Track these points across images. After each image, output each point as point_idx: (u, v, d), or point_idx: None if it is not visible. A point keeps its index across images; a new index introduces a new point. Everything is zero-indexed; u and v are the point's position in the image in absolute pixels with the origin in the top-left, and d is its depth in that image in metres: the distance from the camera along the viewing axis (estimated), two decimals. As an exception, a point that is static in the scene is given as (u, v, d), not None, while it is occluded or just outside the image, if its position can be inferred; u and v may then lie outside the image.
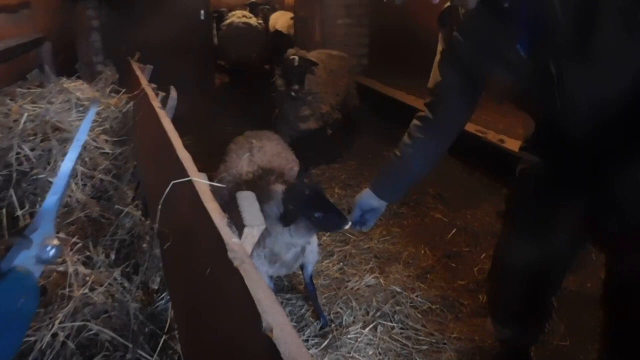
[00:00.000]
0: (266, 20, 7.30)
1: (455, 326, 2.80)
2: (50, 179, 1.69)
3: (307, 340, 2.75)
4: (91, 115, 1.15)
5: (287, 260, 2.46)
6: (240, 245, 0.90)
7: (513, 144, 4.08)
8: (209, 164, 2.90)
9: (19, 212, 1.46)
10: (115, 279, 1.33)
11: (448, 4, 1.60)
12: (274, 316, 0.71)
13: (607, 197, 1.53)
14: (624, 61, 1.33)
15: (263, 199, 2.08)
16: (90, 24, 5.61)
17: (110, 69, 3.87)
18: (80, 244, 1.39)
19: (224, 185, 1.33)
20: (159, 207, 1.28)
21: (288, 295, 3.12)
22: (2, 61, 3.16)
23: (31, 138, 1.77)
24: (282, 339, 0.68)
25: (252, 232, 0.99)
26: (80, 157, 1.88)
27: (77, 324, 1.09)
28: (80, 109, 2.29)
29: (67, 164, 0.97)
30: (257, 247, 2.27)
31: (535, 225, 1.83)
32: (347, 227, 2.14)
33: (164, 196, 1.22)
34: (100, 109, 2.41)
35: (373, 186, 2.12)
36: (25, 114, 1.77)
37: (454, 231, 3.77)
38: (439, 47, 1.82)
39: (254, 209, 1.08)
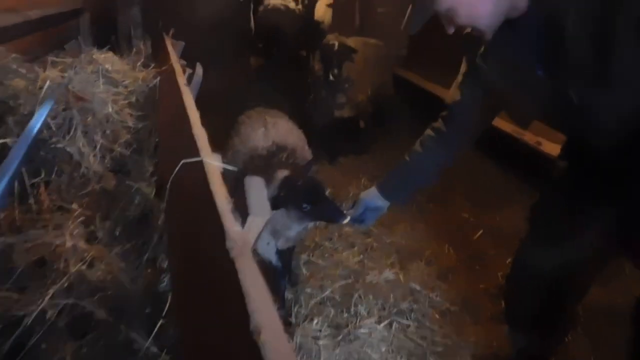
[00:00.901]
0: (308, 5, 7.19)
1: (474, 330, 2.71)
2: (68, 149, 1.68)
3: (319, 330, 2.71)
4: (44, 111, 1.11)
5: (290, 236, 2.48)
6: (242, 235, 0.85)
7: (550, 147, 3.90)
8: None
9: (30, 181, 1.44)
10: (117, 255, 1.30)
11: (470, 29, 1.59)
12: (266, 317, 0.65)
13: (634, 211, 1.54)
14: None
15: (268, 180, 2.13)
16: (129, -2, 5.60)
17: (144, 43, 3.86)
18: (82, 218, 1.36)
19: (235, 168, 1.29)
20: (168, 185, 1.24)
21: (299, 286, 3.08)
22: (39, 29, 3.17)
23: (55, 106, 1.76)
24: (270, 342, 0.62)
25: (257, 221, 0.94)
26: (101, 129, 1.86)
27: (66, 301, 1.07)
28: (107, 80, 2.28)
29: (12, 156, 0.92)
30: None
31: (559, 232, 1.81)
32: (344, 222, 2.22)
33: (173, 175, 1.19)
34: (128, 82, 2.39)
35: (380, 186, 2.19)
36: (48, 82, 1.76)
37: (480, 232, 3.64)
38: (462, 69, 1.89)
39: (261, 196, 1.03)
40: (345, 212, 2.26)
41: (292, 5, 6.91)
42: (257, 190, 1.05)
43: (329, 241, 3.54)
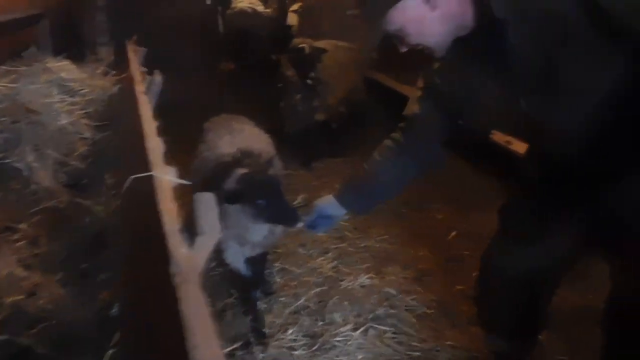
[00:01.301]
0: (278, 9, 7.14)
1: (451, 333, 2.68)
2: (16, 165, 1.58)
3: (294, 340, 2.64)
4: None
5: (256, 242, 2.43)
6: (190, 258, 0.78)
7: (520, 146, 3.90)
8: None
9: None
10: (60, 281, 1.22)
11: None
12: (207, 353, 0.59)
13: (600, 211, 1.56)
14: (588, 93, 1.38)
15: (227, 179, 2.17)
16: (95, 3, 5.48)
17: (107, 50, 3.74)
18: (23, 243, 1.27)
19: (189, 183, 1.23)
20: (119, 202, 1.16)
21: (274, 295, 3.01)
22: (-6, 37, 3.04)
23: (2, 119, 1.66)
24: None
25: (206, 242, 0.87)
26: (54, 142, 1.77)
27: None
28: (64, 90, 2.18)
29: None
30: (223, 227, 2.27)
31: (527, 233, 1.80)
32: (298, 226, 2.19)
33: (122, 191, 1.11)
34: (85, 91, 2.29)
35: (338, 195, 2.12)
36: (-6, 94, 1.66)
37: (455, 234, 3.63)
38: (419, 83, 1.90)
39: (211, 214, 0.97)
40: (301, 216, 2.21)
41: (260, 8, 6.85)
42: (207, 207, 0.99)
43: (302, 247, 3.48)
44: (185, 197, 1.25)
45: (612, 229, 1.57)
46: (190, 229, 0.95)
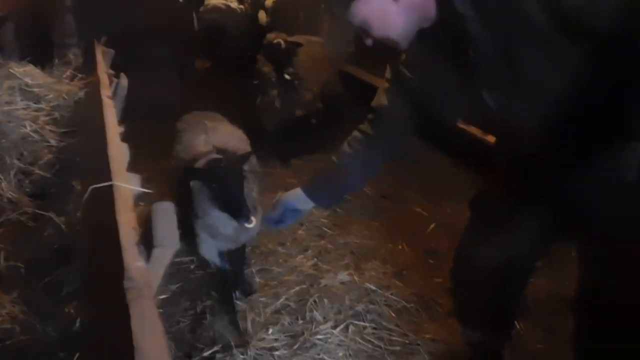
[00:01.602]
0: (252, 5, 7.08)
1: (430, 327, 2.70)
2: (-26, 176, 1.53)
3: (276, 340, 2.63)
4: None
5: (227, 234, 2.45)
6: (143, 272, 0.76)
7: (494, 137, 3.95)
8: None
9: None
10: (19, 298, 1.18)
11: None
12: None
13: (565, 201, 1.57)
14: (546, 87, 1.40)
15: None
16: (63, 4, 5.35)
17: (74, 52, 3.66)
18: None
19: (151, 191, 1.21)
20: (79, 214, 1.14)
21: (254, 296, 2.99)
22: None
23: (-40, 130, 1.61)
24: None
25: (163, 254, 0.86)
26: (17, 151, 1.72)
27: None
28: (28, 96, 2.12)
29: None
30: (195, 219, 2.39)
31: (499, 224, 1.81)
32: (249, 226, 2.24)
33: (83, 201, 1.08)
34: (51, 96, 2.23)
35: (306, 188, 2.07)
36: (-51, 103, 1.60)
37: (433, 226, 3.65)
38: (386, 74, 1.91)
39: (169, 225, 0.95)
40: (253, 215, 2.25)
41: (234, 4, 6.78)
42: (165, 217, 0.97)
43: (282, 246, 3.47)
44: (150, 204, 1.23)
45: (576, 219, 1.59)
46: (148, 241, 0.93)
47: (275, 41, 4.42)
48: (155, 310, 0.68)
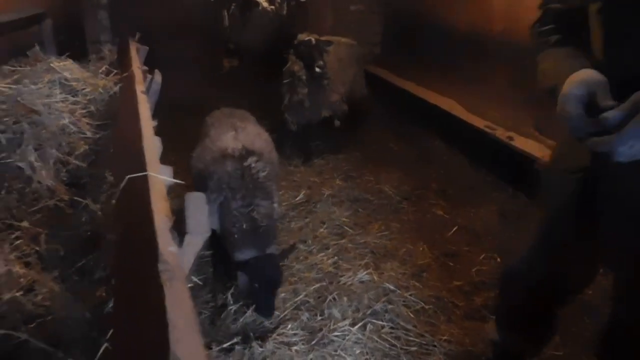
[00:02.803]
0: (280, 5, 7.16)
1: (447, 328, 2.71)
2: (19, 164, 1.62)
3: (294, 335, 2.68)
4: None
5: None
6: (176, 256, 0.82)
7: (522, 142, 3.94)
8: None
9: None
10: (58, 278, 1.26)
11: None
12: (188, 347, 0.62)
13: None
14: None
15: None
16: (97, 2, 5.51)
17: (110, 48, 3.78)
18: (20, 241, 1.31)
19: (183, 182, 1.27)
20: (114, 202, 1.20)
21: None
22: (-2, 34, 3.09)
23: (4, 119, 1.70)
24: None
25: (194, 241, 0.91)
26: (56, 142, 1.81)
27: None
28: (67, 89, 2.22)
29: None
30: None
31: (566, 239, 1.74)
32: (266, 322, 2.67)
33: (118, 191, 1.15)
34: (87, 90, 2.33)
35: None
36: (-4, 95, 1.70)
37: (454, 229, 3.65)
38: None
39: (201, 213, 1.00)
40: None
41: (265, 4, 6.88)
42: (197, 207, 1.02)
43: (303, 244, 3.51)
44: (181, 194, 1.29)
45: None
46: (180, 228, 0.99)
47: (306, 38, 4.49)
48: (187, 291, 0.74)
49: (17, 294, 1.12)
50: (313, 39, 4.45)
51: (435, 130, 5.21)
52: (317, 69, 4.39)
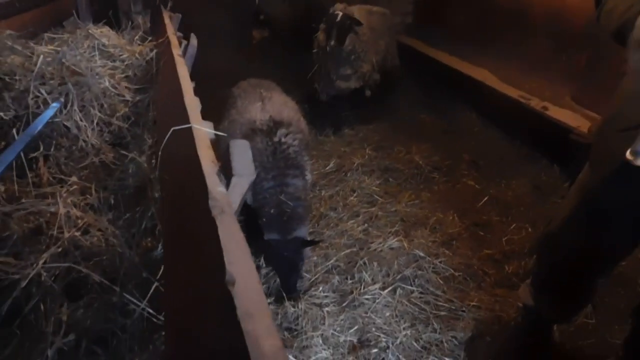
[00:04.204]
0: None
1: (476, 295, 2.73)
2: (65, 123, 1.69)
3: (326, 296, 2.74)
4: (51, 111, 1.18)
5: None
6: (224, 195, 0.86)
7: (557, 112, 3.85)
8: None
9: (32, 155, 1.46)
10: (111, 223, 1.33)
11: None
12: (241, 268, 0.67)
13: None
14: None
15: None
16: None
17: (143, 17, 3.83)
18: (75, 187, 1.38)
19: (225, 135, 1.31)
20: (159, 153, 1.25)
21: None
22: (36, 5, 3.16)
23: (50, 81, 1.77)
24: (243, 293, 0.63)
25: (240, 182, 0.95)
26: (98, 103, 1.87)
27: (60, 265, 1.10)
28: (105, 55, 2.28)
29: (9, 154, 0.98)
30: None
31: (612, 205, 1.72)
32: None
33: (164, 142, 1.20)
34: (125, 56, 2.39)
35: None
36: (41, 56, 1.76)
37: (485, 199, 3.63)
38: None
39: (246, 158, 1.04)
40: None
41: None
42: (242, 151, 1.06)
43: (334, 211, 3.56)
44: (220, 151, 1.33)
45: None
46: (225, 173, 1.03)
47: (334, 12, 4.42)
48: (237, 224, 0.78)
49: (76, 234, 1.20)
50: (340, 15, 4.35)
51: (468, 101, 5.13)
52: (328, 48, 4.32)
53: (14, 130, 1.54)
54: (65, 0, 3.78)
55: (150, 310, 1.15)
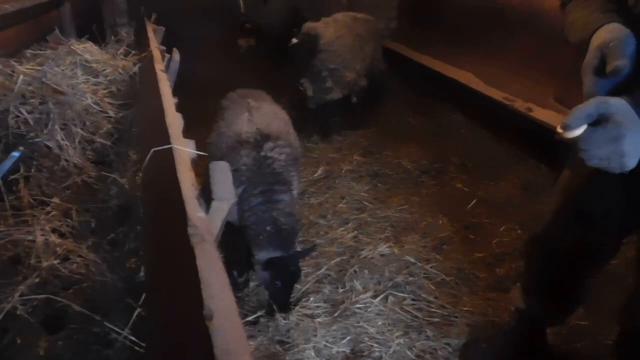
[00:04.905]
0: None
1: (469, 299, 2.73)
2: (47, 143, 1.67)
3: (317, 307, 2.73)
4: (10, 160, 1.17)
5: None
6: (205, 221, 0.85)
7: (541, 113, 3.87)
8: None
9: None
10: (92, 248, 1.31)
11: None
12: (221, 303, 0.65)
13: None
14: None
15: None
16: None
17: (127, 30, 3.81)
18: (54, 213, 1.36)
19: (206, 154, 1.30)
20: (140, 174, 1.24)
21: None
22: (19, 21, 3.13)
23: (31, 100, 1.75)
24: (222, 328, 0.62)
25: (221, 207, 0.94)
26: (81, 121, 1.86)
27: (38, 297, 1.08)
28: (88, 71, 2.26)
29: None
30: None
31: (595, 204, 1.71)
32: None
33: (145, 163, 1.18)
34: (108, 71, 2.37)
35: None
36: (21, 77, 1.74)
37: (474, 202, 3.65)
38: None
39: (226, 181, 1.03)
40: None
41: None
42: (222, 174, 1.05)
43: (323, 219, 3.54)
44: (201, 168, 1.31)
45: None
46: (206, 196, 1.02)
47: (291, 42, 4.45)
48: (217, 253, 0.77)
49: (55, 262, 1.18)
50: (293, 41, 4.39)
51: (454, 104, 5.16)
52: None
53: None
54: (48, 15, 3.75)
55: (133, 338, 1.13)
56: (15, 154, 1.39)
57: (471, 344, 2.43)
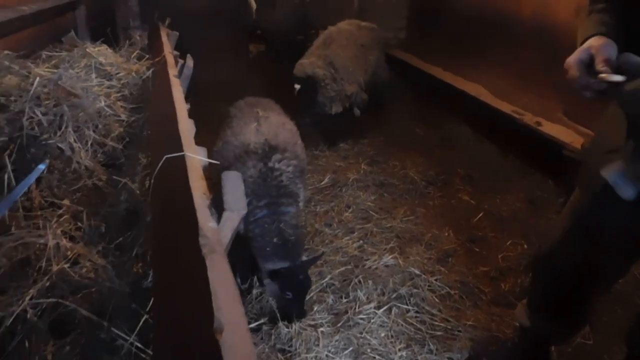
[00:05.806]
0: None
1: (473, 313, 2.72)
2: (59, 145, 1.69)
3: (320, 317, 2.72)
4: (36, 173, 1.19)
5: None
6: (215, 231, 0.85)
7: (550, 128, 3.88)
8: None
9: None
10: (102, 252, 1.32)
11: None
12: (230, 315, 0.66)
13: None
14: None
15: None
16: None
17: (140, 34, 3.85)
18: (66, 216, 1.38)
19: (217, 162, 1.30)
20: (152, 180, 1.25)
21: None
22: (34, 24, 3.17)
23: (45, 102, 1.77)
24: (231, 341, 0.63)
25: (232, 217, 0.95)
26: (93, 124, 1.88)
27: (47, 300, 1.09)
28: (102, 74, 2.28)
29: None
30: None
31: (604, 224, 1.71)
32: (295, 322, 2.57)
33: (156, 170, 1.19)
34: (121, 74, 2.39)
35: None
36: (37, 79, 1.76)
37: (480, 215, 3.64)
38: None
39: (238, 191, 1.04)
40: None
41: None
42: (234, 185, 1.06)
43: (329, 227, 3.54)
44: (208, 172, 1.32)
45: None
46: (217, 205, 1.03)
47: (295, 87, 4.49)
48: (227, 264, 0.77)
49: (65, 266, 1.19)
50: (296, 88, 4.45)
51: (462, 116, 5.16)
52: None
53: (7, 153, 1.54)
54: (64, 17, 3.79)
55: (139, 345, 1.14)
56: (42, 166, 1.41)
57: (474, 359, 2.42)
